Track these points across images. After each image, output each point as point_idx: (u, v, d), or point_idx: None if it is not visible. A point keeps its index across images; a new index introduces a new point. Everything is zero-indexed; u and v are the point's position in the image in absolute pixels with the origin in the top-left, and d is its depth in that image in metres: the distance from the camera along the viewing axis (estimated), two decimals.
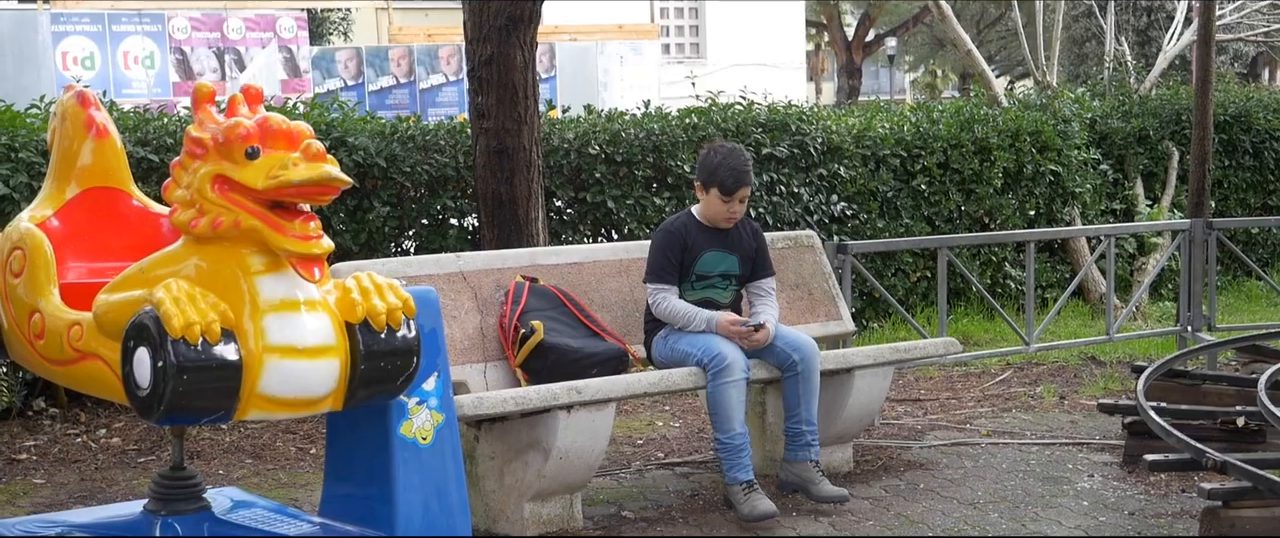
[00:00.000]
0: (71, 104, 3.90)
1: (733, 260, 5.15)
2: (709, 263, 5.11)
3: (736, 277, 5.17)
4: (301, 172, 3.07)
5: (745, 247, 5.18)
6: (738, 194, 5.03)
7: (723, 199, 5.03)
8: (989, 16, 31.70)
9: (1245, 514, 4.46)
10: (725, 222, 5.08)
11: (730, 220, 5.08)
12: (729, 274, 5.15)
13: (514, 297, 4.96)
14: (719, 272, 5.13)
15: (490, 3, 6.50)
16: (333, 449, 3.75)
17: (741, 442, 4.86)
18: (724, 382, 4.85)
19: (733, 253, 5.15)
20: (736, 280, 5.18)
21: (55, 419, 6.44)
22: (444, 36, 18.48)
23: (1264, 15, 13.60)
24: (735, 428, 4.85)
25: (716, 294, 5.14)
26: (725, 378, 4.85)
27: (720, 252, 5.13)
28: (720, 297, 5.15)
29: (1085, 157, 9.92)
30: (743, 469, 4.85)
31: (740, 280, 5.19)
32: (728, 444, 4.86)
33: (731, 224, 5.10)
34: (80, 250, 3.79)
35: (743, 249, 5.17)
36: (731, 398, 4.85)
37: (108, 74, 16.68)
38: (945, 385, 7.33)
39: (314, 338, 3.16)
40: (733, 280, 5.17)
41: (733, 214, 5.06)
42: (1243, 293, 10.18)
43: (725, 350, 4.89)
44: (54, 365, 3.52)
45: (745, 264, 5.17)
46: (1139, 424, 5.50)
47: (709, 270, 5.11)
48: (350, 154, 7.00)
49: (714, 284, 5.13)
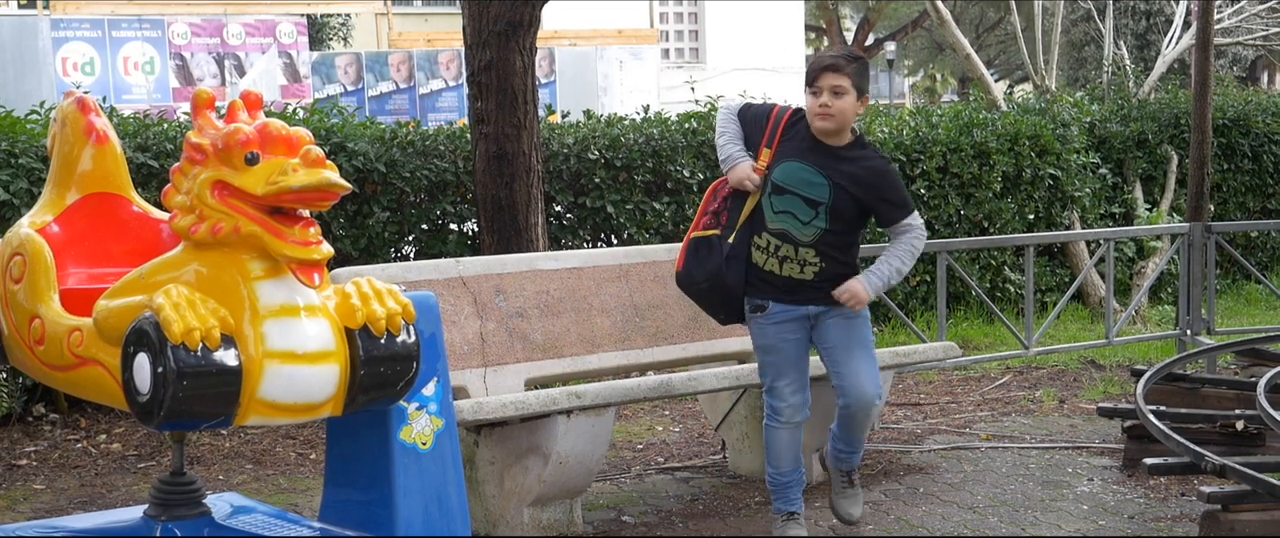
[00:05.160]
0: (71, 110, 3.90)
1: (822, 185, 4.40)
2: (788, 173, 4.43)
3: (825, 207, 4.40)
4: (301, 177, 3.07)
5: (846, 174, 4.41)
6: (818, 82, 4.37)
7: (809, 93, 4.41)
8: (988, 21, 31.71)
9: (1244, 518, 4.46)
10: (816, 119, 4.39)
11: (820, 116, 4.37)
12: (815, 201, 4.40)
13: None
14: (801, 192, 4.40)
15: (490, 8, 6.51)
16: (333, 455, 3.75)
17: (788, 480, 4.62)
18: (773, 424, 4.56)
19: (823, 174, 4.40)
20: (825, 214, 4.40)
21: (55, 425, 6.45)
22: (443, 42, 18.50)
23: (1262, 19, 13.61)
24: (783, 466, 4.60)
25: (794, 226, 4.41)
26: (774, 420, 4.56)
27: (809, 165, 4.41)
28: (799, 231, 4.41)
29: (1084, 160, 9.92)
30: (785, 502, 4.64)
31: (833, 216, 4.41)
32: (774, 479, 4.65)
33: (823, 123, 4.37)
34: (80, 256, 3.79)
35: (842, 175, 4.40)
36: (780, 440, 4.56)
37: (108, 80, 16.69)
38: (945, 390, 7.33)
39: (314, 343, 3.16)
40: (819, 212, 4.40)
41: (821, 110, 4.36)
42: (1242, 296, 10.19)
43: (783, 391, 4.52)
44: (54, 371, 3.52)
45: (841, 197, 4.40)
46: (1138, 428, 5.51)
47: (788, 183, 4.42)
48: (350, 159, 7.01)
49: (795, 208, 4.41)
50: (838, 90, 4.34)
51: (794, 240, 4.43)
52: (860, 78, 4.40)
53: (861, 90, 4.40)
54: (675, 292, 5.35)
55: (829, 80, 4.36)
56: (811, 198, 4.40)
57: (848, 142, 4.47)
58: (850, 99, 4.38)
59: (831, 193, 4.40)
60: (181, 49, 17.51)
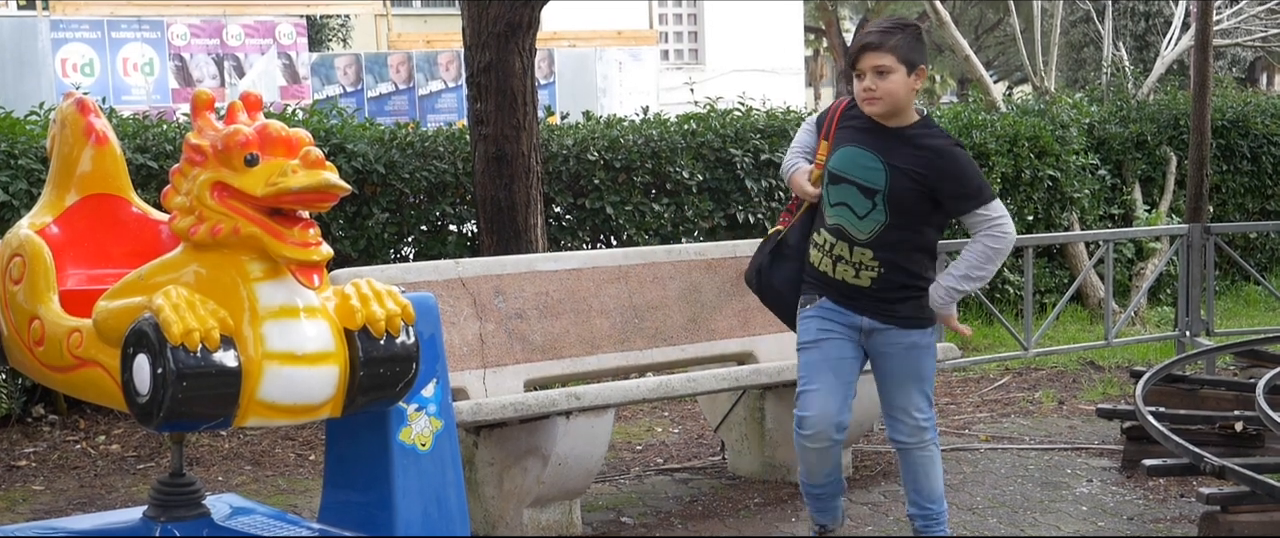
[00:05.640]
0: (71, 111, 3.90)
1: (878, 170, 3.96)
2: (846, 160, 4.02)
3: (882, 196, 3.95)
4: (300, 179, 3.07)
5: (906, 155, 3.95)
6: (859, 64, 3.95)
7: (855, 77, 4.00)
8: (987, 22, 31.72)
9: (1243, 519, 4.47)
10: (864, 104, 3.98)
11: (867, 101, 3.96)
12: (871, 189, 3.96)
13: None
14: (857, 179, 3.98)
15: (489, 9, 6.51)
16: (332, 456, 3.75)
17: (819, 491, 4.26)
18: (801, 437, 4.12)
19: (880, 157, 3.96)
20: (884, 204, 3.96)
21: (55, 426, 6.44)
22: (443, 43, 18.51)
23: (1261, 20, 13.62)
24: (814, 479, 4.23)
25: (850, 220, 3.99)
26: (798, 433, 4.12)
27: (866, 151, 3.99)
28: (855, 227, 3.99)
29: (1083, 162, 9.93)
30: (820, 512, 4.34)
31: (893, 206, 3.95)
32: (806, 490, 4.31)
33: (872, 107, 3.96)
34: (80, 257, 3.79)
35: (902, 158, 3.95)
36: (809, 456, 4.14)
37: (107, 81, 16.69)
38: (944, 391, 7.33)
39: (313, 344, 3.16)
40: (877, 202, 3.96)
41: (866, 95, 3.94)
42: (1241, 298, 10.19)
43: (809, 401, 4.06)
44: (53, 372, 3.53)
45: (900, 181, 3.94)
46: (1137, 429, 5.51)
47: (846, 171, 4.00)
48: (349, 161, 7.01)
49: (851, 199, 3.99)
50: (882, 70, 3.91)
51: (850, 238, 4.00)
52: (909, 50, 3.93)
53: (912, 64, 3.94)
54: (675, 293, 5.36)
55: (870, 61, 3.92)
56: (868, 185, 3.96)
57: (913, 122, 4.01)
58: (899, 77, 3.92)
59: (889, 177, 3.95)
60: (181, 50, 17.51)
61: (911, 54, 3.93)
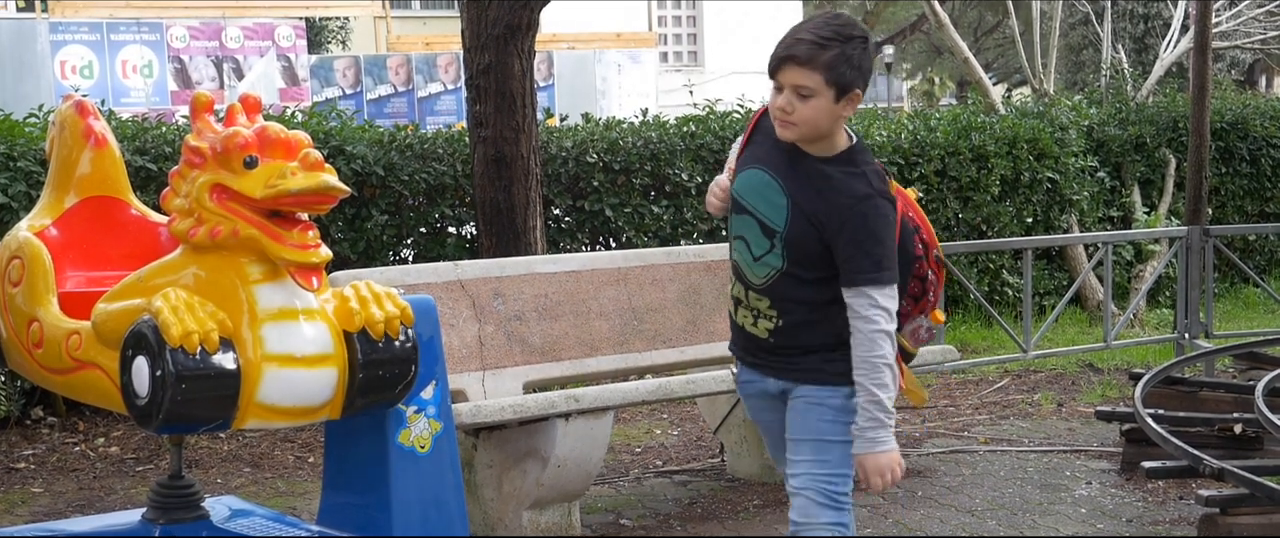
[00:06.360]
0: (70, 113, 3.90)
1: (780, 200, 3.14)
2: (750, 185, 3.20)
3: (780, 237, 3.13)
4: (299, 181, 3.07)
5: (811, 194, 3.11)
6: (779, 76, 3.12)
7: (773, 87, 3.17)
8: (986, 24, 31.73)
9: (1242, 521, 4.47)
10: (778, 126, 3.14)
11: (781, 124, 3.12)
12: (770, 227, 3.15)
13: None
14: (760, 212, 3.17)
15: (488, 11, 6.51)
16: (331, 458, 3.75)
17: None
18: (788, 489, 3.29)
19: (784, 187, 3.14)
20: (782, 247, 3.14)
21: (54, 428, 6.44)
22: (442, 45, 18.51)
23: (1260, 22, 13.63)
24: None
25: (745, 260, 3.21)
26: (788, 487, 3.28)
27: (773, 178, 3.16)
28: (749, 269, 3.21)
29: (1082, 164, 9.93)
30: None
31: (792, 251, 3.13)
32: None
33: (785, 133, 3.13)
34: (79, 259, 3.79)
35: (808, 196, 3.11)
36: None
37: (106, 83, 16.68)
38: (943, 393, 7.33)
39: (312, 347, 3.17)
40: (775, 243, 3.15)
41: (782, 116, 3.11)
42: (1240, 300, 10.20)
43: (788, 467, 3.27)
44: (52, 374, 3.53)
45: (800, 223, 3.11)
46: (1136, 431, 5.51)
47: (746, 198, 3.20)
48: (348, 163, 7.01)
49: (749, 233, 3.20)
50: (803, 91, 3.07)
51: (744, 280, 3.23)
52: (844, 71, 3.06)
53: (844, 87, 3.07)
54: (674, 295, 5.37)
55: (791, 76, 3.08)
56: (768, 223, 3.15)
57: (837, 152, 3.16)
58: (823, 103, 3.07)
59: (789, 217, 3.12)
60: (180, 52, 17.51)
61: (846, 76, 3.07)
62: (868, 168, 3.16)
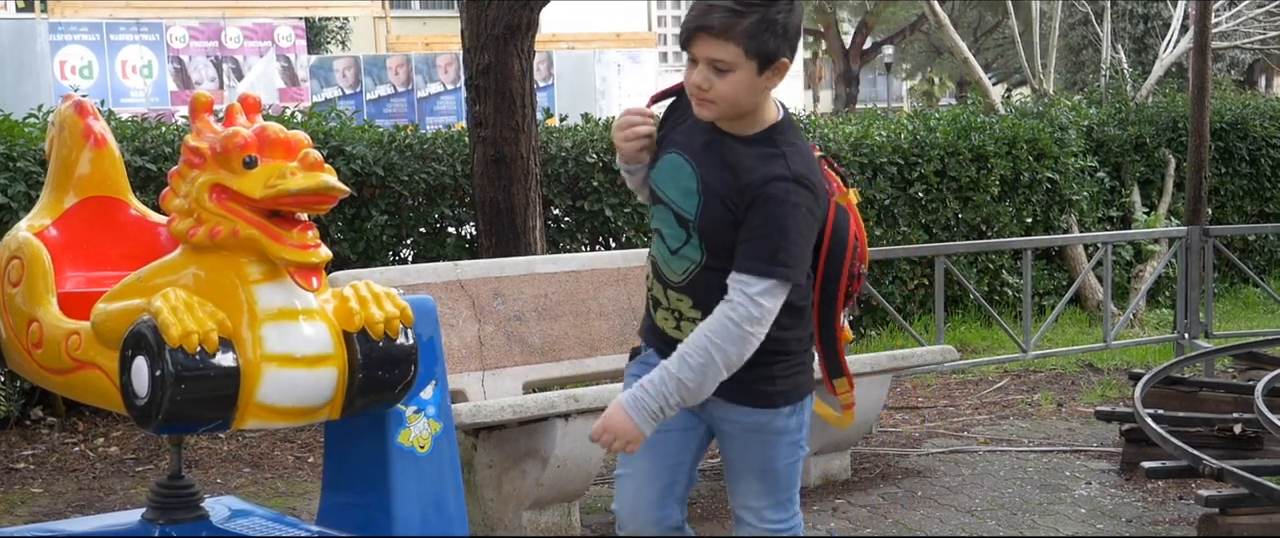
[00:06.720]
0: (69, 113, 3.90)
1: (691, 186, 2.81)
2: (666, 172, 2.88)
3: (694, 226, 2.81)
4: (299, 181, 3.07)
5: (725, 176, 2.77)
6: (692, 48, 2.75)
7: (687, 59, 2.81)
8: (986, 24, 31.74)
9: (1242, 521, 4.47)
10: (695, 104, 2.81)
11: (698, 102, 2.78)
12: (682, 214, 2.83)
13: None
14: (674, 201, 2.85)
15: (488, 11, 6.51)
16: (330, 458, 3.75)
17: None
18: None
19: (697, 171, 2.81)
20: (697, 237, 2.81)
21: (53, 428, 6.44)
22: (442, 45, 18.54)
23: (1260, 22, 13.64)
24: None
25: (662, 255, 2.91)
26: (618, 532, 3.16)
27: (688, 162, 2.83)
28: (666, 264, 2.90)
29: (1082, 164, 9.93)
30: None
31: (708, 241, 2.80)
32: None
33: (702, 111, 2.79)
34: (78, 260, 3.79)
35: (721, 178, 2.78)
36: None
37: (106, 83, 16.70)
38: (943, 393, 7.33)
39: (312, 347, 3.17)
40: (691, 233, 2.82)
41: (697, 94, 2.76)
42: (1239, 300, 10.20)
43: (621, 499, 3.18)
44: (52, 375, 3.52)
45: (713, 210, 2.78)
46: (1136, 431, 5.51)
47: (662, 188, 2.89)
48: (348, 163, 7.01)
49: (666, 225, 2.89)
50: (719, 66, 2.71)
51: (663, 278, 2.91)
52: (766, 39, 2.70)
53: (767, 57, 2.72)
54: None
55: (705, 48, 2.72)
56: (681, 212, 2.83)
57: (761, 129, 2.81)
58: (743, 77, 2.72)
59: (701, 203, 2.79)
60: (179, 52, 17.52)
61: (768, 44, 2.71)
62: (789, 149, 2.78)
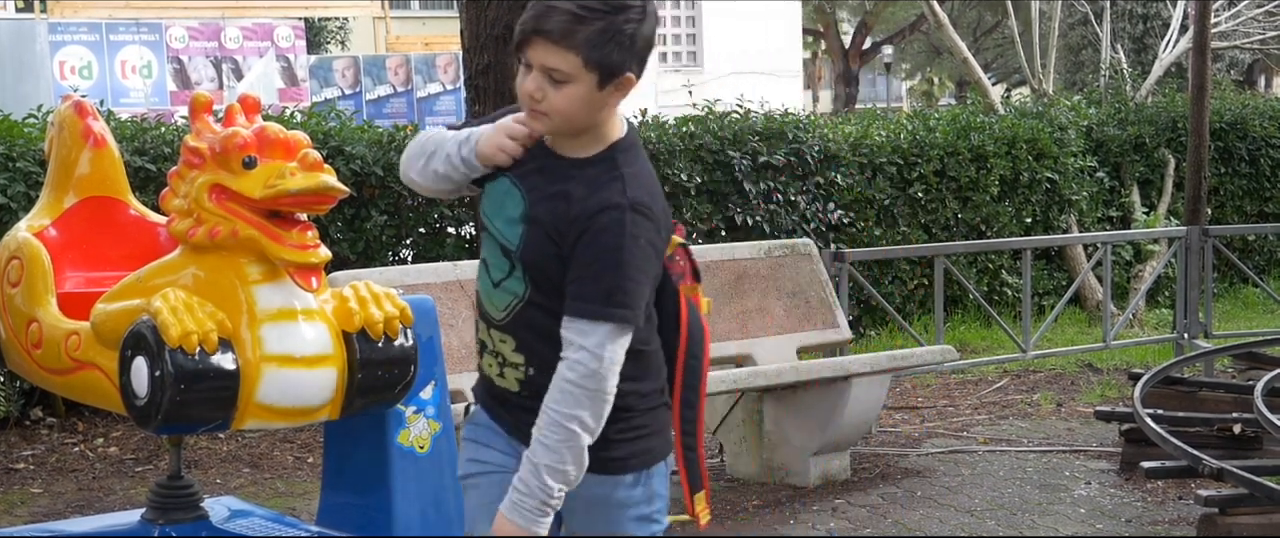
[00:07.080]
0: (69, 114, 3.90)
1: (516, 211, 2.42)
2: (492, 199, 2.48)
3: (517, 257, 2.41)
4: (299, 181, 3.07)
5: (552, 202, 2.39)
6: (526, 52, 2.36)
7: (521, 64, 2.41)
8: (985, 24, 31.74)
9: (1242, 521, 4.47)
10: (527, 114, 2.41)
11: (532, 114, 2.39)
12: (506, 245, 2.42)
13: None
14: (498, 229, 2.45)
15: (488, 11, 6.50)
16: (330, 458, 3.75)
17: None
18: None
19: (524, 194, 2.42)
20: (521, 269, 2.41)
21: (53, 429, 6.44)
22: (441, 45, 18.53)
23: (1259, 23, 13.64)
24: None
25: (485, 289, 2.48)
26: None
27: (516, 186, 2.43)
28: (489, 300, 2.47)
29: (1082, 164, 9.93)
30: None
31: (533, 275, 2.40)
32: None
33: (535, 123, 2.40)
34: (78, 260, 3.79)
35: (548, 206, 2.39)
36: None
37: (105, 83, 16.69)
38: (942, 393, 7.33)
39: (311, 347, 3.17)
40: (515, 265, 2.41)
41: (531, 105, 2.38)
42: (1239, 300, 10.20)
43: None
44: (52, 375, 3.53)
45: (537, 237, 2.38)
46: (1136, 431, 5.51)
47: (490, 215, 2.48)
48: (348, 163, 7.01)
49: (491, 255, 2.46)
50: (555, 75, 2.34)
51: (486, 316, 2.49)
52: (604, 52, 2.33)
53: (609, 70, 2.34)
54: None
55: (541, 55, 2.34)
56: (504, 241, 2.43)
57: (600, 149, 2.43)
58: (581, 89, 2.35)
59: (525, 232, 2.41)
60: (179, 53, 17.52)
61: (611, 57, 2.34)
62: (629, 170, 2.42)
